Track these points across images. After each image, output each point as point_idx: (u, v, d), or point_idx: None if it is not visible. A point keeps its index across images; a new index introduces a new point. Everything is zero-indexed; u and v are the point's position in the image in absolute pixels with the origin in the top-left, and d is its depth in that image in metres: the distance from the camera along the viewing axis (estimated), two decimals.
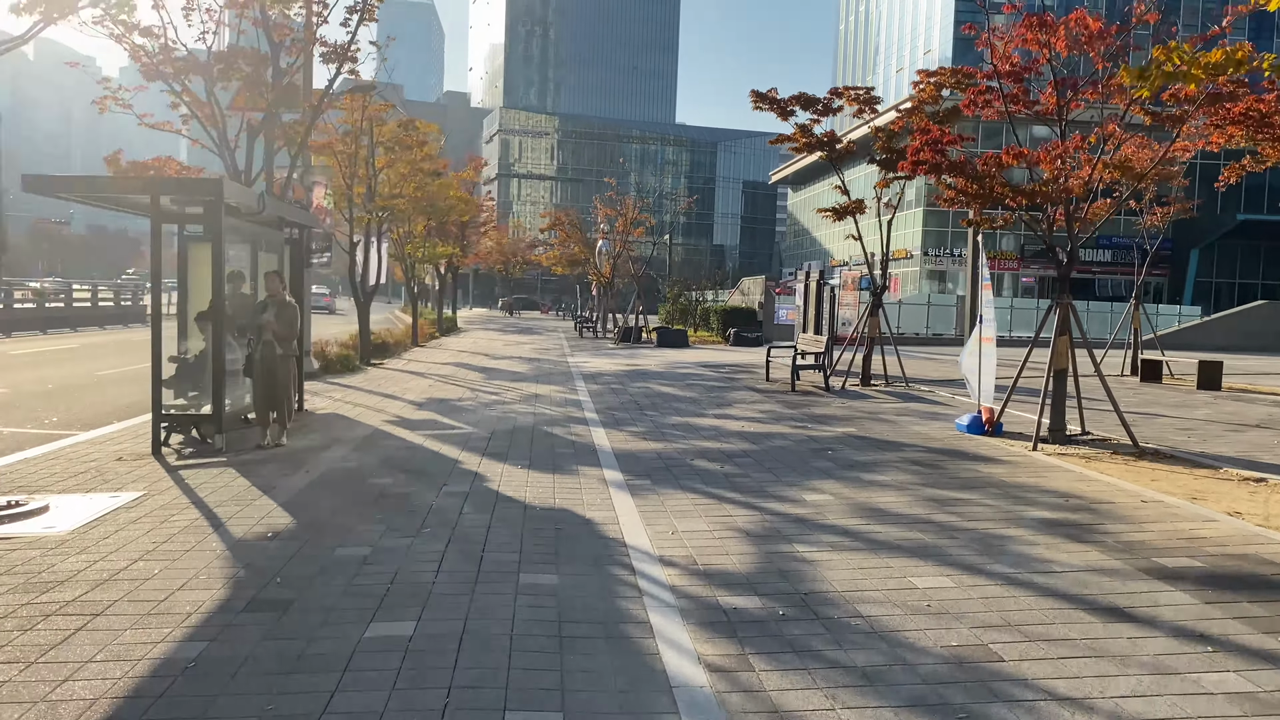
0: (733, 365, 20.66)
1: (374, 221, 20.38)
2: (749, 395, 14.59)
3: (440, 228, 33.32)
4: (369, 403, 12.96)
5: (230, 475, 7.88)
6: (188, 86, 12.59)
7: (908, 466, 8.70)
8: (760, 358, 22.95)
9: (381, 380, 16.20)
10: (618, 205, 36.25)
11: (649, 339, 29.74)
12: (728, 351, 26.04)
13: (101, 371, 17.41)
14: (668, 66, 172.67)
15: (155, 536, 5.91)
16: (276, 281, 9.54)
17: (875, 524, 6.53)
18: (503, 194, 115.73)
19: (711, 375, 18.08)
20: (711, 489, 7.61)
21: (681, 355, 24.26)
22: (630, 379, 17.22)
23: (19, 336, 26.12)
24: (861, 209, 16.97)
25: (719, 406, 13.14)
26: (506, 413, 12.08)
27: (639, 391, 15.03)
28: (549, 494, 7.31)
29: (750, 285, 32.99)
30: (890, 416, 12.29)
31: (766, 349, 17.65)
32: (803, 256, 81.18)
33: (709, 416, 12.08)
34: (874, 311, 16.28)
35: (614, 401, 13.60)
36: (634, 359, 22.73)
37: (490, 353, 24.20)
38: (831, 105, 16.68)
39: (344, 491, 7.28)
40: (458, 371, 18.30)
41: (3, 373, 16.76)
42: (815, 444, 9.93)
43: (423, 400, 13.27)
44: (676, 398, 14.19)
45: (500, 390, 14.84)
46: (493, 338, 32.84)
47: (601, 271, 36.73)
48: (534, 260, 72.89)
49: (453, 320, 39.68)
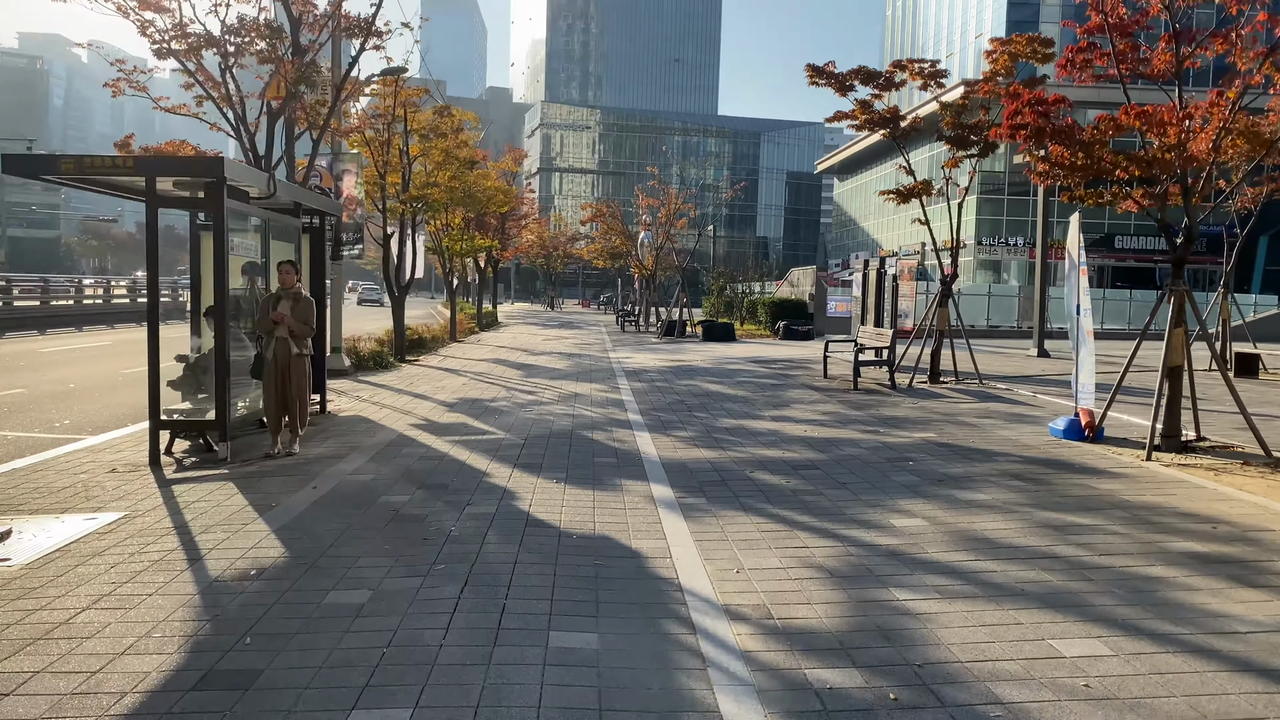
0: (785, 361, 19.43)
1: (408, 213, 19.49)
2: (807, 394, 13.38)
3: (479, 220, 32.47)
4: (397, 404, 12.01)
5: (228, 491, 6.92)
6: (202, 64, 11.71)
7: (1006, 481, 7.47)
8: (813, 352, 21.68)
9: (414, 378, 15.28)
10: (660, 196, 35.13)
11: (693, 333, 28.58)
12: (778, 346, 24.77)
13: (127, 370, 16.73)
14: (710, 58, 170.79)
15: (119, 574, 4.94)
16: (291, 272, 8.58)
17: (986, 559, 5.35)
18: (544, 188, 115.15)
19: (763, 372, 16.88)
20: (778, 510, 6.47)
21: (729, 350, 23.06)
22: (676, 376, 16.11)
23: (54, 334, 25.76)
24: (929, 190, 15.68)
25: (775, 407, 11.96)
26: (543, 415, 11.04)
27: (686, 390, 13.91)
28: (588, 516, 6.23)
29: (799, 276, 31.57)
30: (970, 419, 11.01)
31: (824, 343, 16.41)
32: (849, 247, 79.30)
33: (765, 419, 10.92)
34: (943, 302, 14.96)
35: (659, 402, 12.49)
36: (679, 354, 21.61)
37: (529, 348, 23.25)
38: (894, 79, 15.36)
39: (352, 512, 6.28)
40: (494, 369, 17.33)
41: (27, 371, 16.15)
42: (892, 453, 8.73)
43: (454, 401, 12.29)
44: (727, 397, 13.04)
45: (538, 389, 13.82)
46: (533, 332, 31.92)
47: (644, 264, 35.64)
48: (575, 254, 72.16)
49: (493, 315, 38.88)
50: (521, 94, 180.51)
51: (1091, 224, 53.15)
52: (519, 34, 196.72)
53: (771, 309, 28.12)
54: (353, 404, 11.99)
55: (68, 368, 16.90)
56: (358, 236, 17.14)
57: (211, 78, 11.79)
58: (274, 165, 12.48)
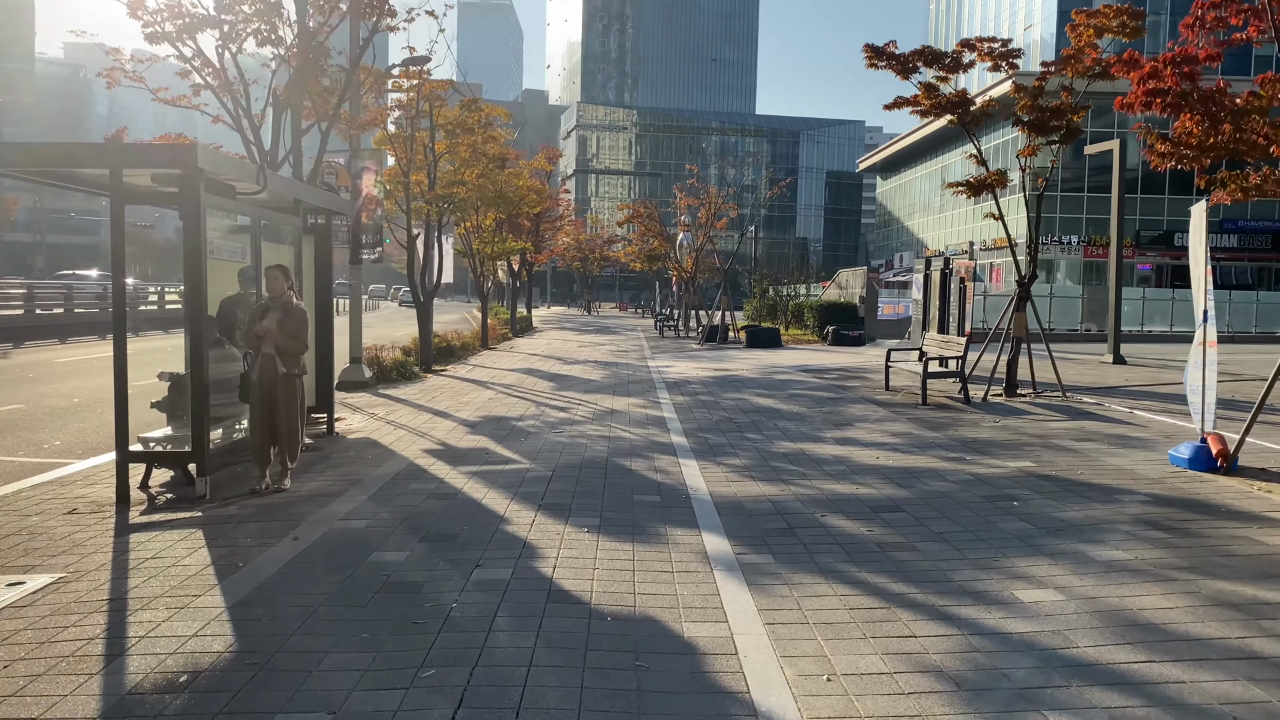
0: (839, 370, 17.97)
1: (434, 213, 18.38)
2: (871, 410, 11.97)
3: (512, 222, 31.40)
4: (415, 422, 10.82)
5: (192, 544, 5.74)
6: (200, 49, 10.63)
7: (1143, 532, 6.04)
8: (868, 360, 20.18)
9: (437, 391, 14.12)
10: (700, 194, 33.77)
11: (736, 338, 27.19)
12: (827, 352, 23.27)
13: (141, 381, 15.78)
14: (747, 57, 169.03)
15: (9, 678, 3.75)
16: (281, 279, 7.40)
17: (1162, 659, 3.96)
18: (581, 190, 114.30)
19: (817, 383, 15.47)
20: (866, 573, 5.13)
21: (776, 357, 21.63)
22: (721, 388, 14.76)
23: (75, 342, 25.07)
24: (1003, 181, 14.21)
25: (837, 426, 10.57)
26: (575, 437, 9.77)
27: (734, 405, 12.57)
28: (626, 585, 4.94)
29: (848, 278, 29.98)
30: (1068, 443, 9.53)
31: (885, 352, 14.94)
32: (892, 247, 77.28)
33: (828, 441, 9.55)
34: (1021, 306, 13.47)
35: (705, 419, 11.17)
36: (722, 362, 20.25)
37: (564, 356, 22.04)
38: (961, 60, 13.90)
39: (333, 577, 5.05)
40: (525, 380, 16.12)
41: (35, 384, 15.26)
42: (988, 488, 7.33)
43: (478, 419, 11.07)
44: (781, 413, 11.68)
45: (570, 405, 12.56)
46: (568, 338, 30.74)
47: (683, 266, 34.32)
48: (612, 257, 71.03)
49: (527, 320, 37.81)
50: (557, 96, 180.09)
51: (1149, 220, 50.80)
52: (554, 36, 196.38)
53: (819, 313, 26.57)
54: (365, 423, 10.82)
55: (79, 379, 15.99)
56: (378, 238, 16.06)
57: (210, 63, 10.70)
58: (281, 161, 11.37)
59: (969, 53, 13.93)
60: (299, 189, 8.91)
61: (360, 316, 15.73)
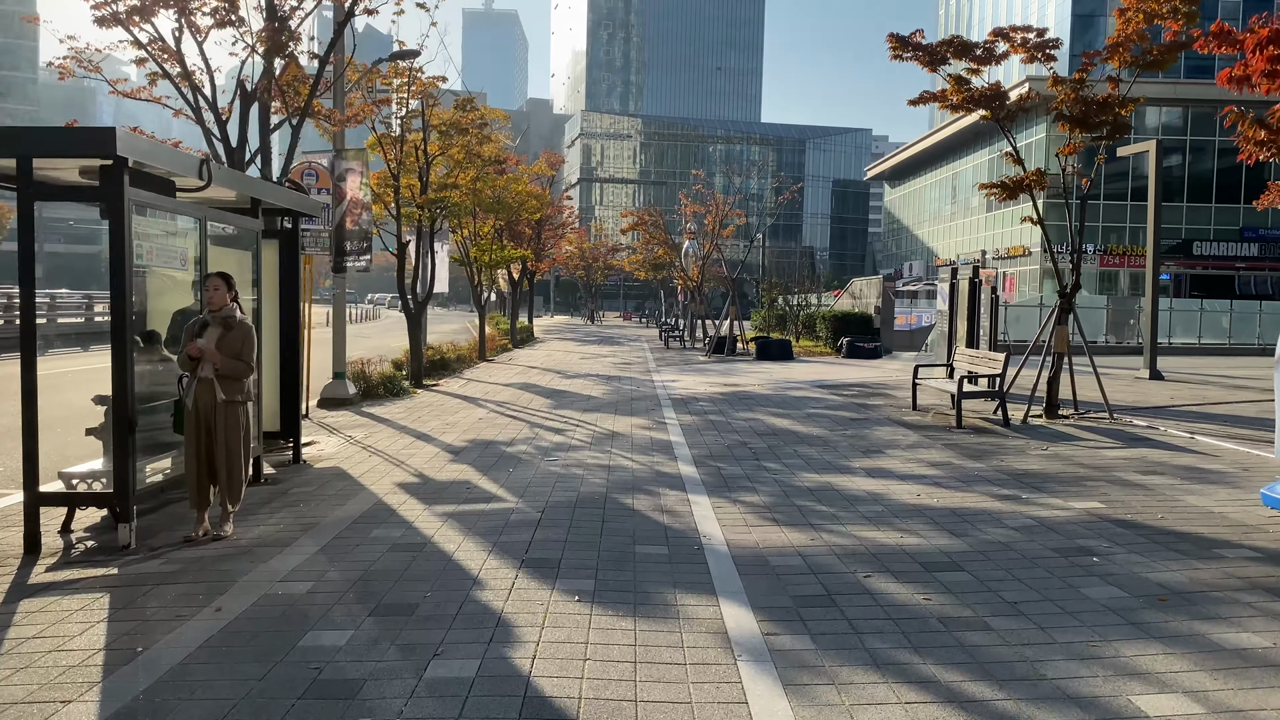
0: (858, 386, 16.81)
1: (425, 218, 17.31)
2: (901, 434, 10.83)
3: (511, 229, 30.36)
4: (393, 448, 9.72)
5: (91, 614, 4.63)
6: (158, 32, 9.57)
7: (1269, 603, 4.89)
8: (888, 374, 19.02)
9: (425, 410, 13.02)
10: (706, 201, 32.72)
11: (745, 350, 26.05)
12: (843, 366, 22.10)
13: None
14: (753, 65, 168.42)
15: None
16: (223, 289, 6.30)
17: None
18: (585, 199, 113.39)
19: (836, 401, 14.33)
20: (932, 665, 4.00)
21: (788, 371, 20.49)
22: (732, 406, 13.63)
23: (54, 354, 24.04)
24: (1043, 182, 13.12)
25: (866, 454, 9.44)
26: (570, 467, 8.65)
27: (747, 427, 11.44)
28: (626, 686, 3.81)
29: (862, 287, 28.79)
30: (1132, 475, 8.37)
31: (913, 368, 13.79)
32: (900, 256, 76.17)
33: (858, 473, 8.42)
34: (1062, 319, 12.34)
35: (716, 444, 10.04)
36: (732, 376, 19.13)
37: (564, 369, 20.93)
38: (995, 51, 12.80)
39: (250, 671, 3.92)
40: (521, 396, 15.02)
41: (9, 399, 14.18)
42: (1057, 537, 6.18)
43: (463, 445, 9.96)
44: (800, 437, 10.55)
45: (567, 426, 11.45)
46: (569, 349, 29.64)
47: (689, 275, 33.24)
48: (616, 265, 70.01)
49: (528, 330, 36.72)
50: (562, 105, 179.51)
51: (1168, 229, 49.59)
52: (559, 45, 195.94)
53: (833, 324, 25.37)
54: (340, 448, 9.72)
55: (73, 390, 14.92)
56: (365, 245, 15.00)
57: (168, 48, 9.64)
58: (249, 159, 10.29)
59: (1002, 43, 12.84)
60: (256, 186, 7.82)
61: (344, 328, 14.66)
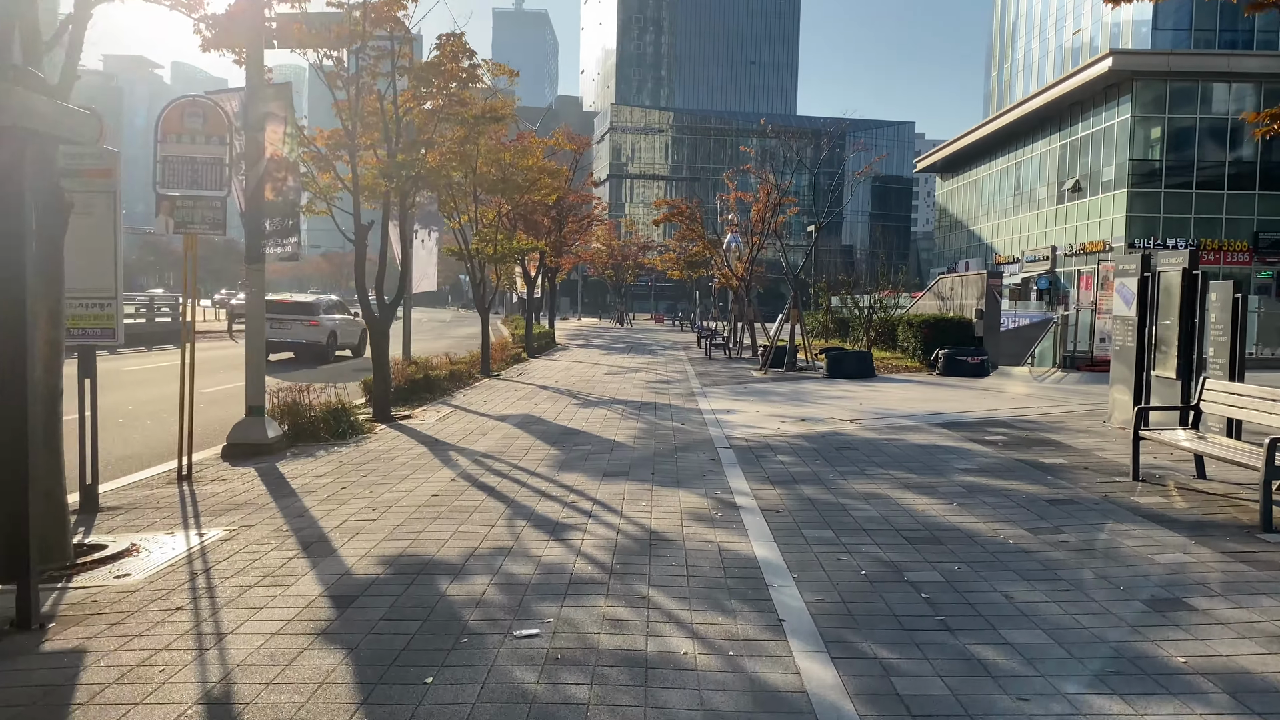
0: (999, 426, 11.95)
1: (395, 191, 12.81)
2: (1166, 542, 6.10)
3: (526, 217, 25.84)
4: (243, 571, 5.18)
5: None
6: None
7: None
8: (1023, 403, 14.12)
9: (362, 471, 8.52)
10: (754, 188, 28.06)
11: (809, 364, 21.29)
12: (949, 388, 17.04)
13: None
14: (788, 58, 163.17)
15: None
16: None
17: None
18: (615, 195, 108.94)
19: (987, 456, 9.58)
20: None
21: (879, 396, 15.65)
22: (831, 464, 8.96)
23: None
24: None
25: (1156, 609, 4.74)
26: (559, 661, 4.04)
27: (876, 519, 6.76)
28: None
29: (954, 285, 23.62)
30: None
31: (1135, 412, 9.01)
32: (954, 254, 70.81)
33: (1195, 690, 3.74)
34: None
35: (844, 576, 5.38)
36: (806, 404, 14.42)
37: (583, 390, 16.35)
38: None
39: None
40: (515, 441, 10.46)
41: None
42: None
43: (371, 574, 5.38)
44: (987, 550, 5.87)
45: (571, 518, 6.84)
46: (594, 360, 25.05)
47: (735, 273, 28.57)
48: (647, 264, 65.43)
49: (548, 335, 32.18)
50: (591, 102, 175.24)
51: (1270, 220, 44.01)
52: (589, 41, 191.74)
53: (922, 331, 20.41)
54: (170, 555, 5.20)
55: None
56: (291, 224, 10.52)
57: None
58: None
59: None
60: None
61: (261, 341, 10.19)
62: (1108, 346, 20.87)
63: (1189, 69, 43.51)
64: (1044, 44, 65.55)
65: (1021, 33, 70.08)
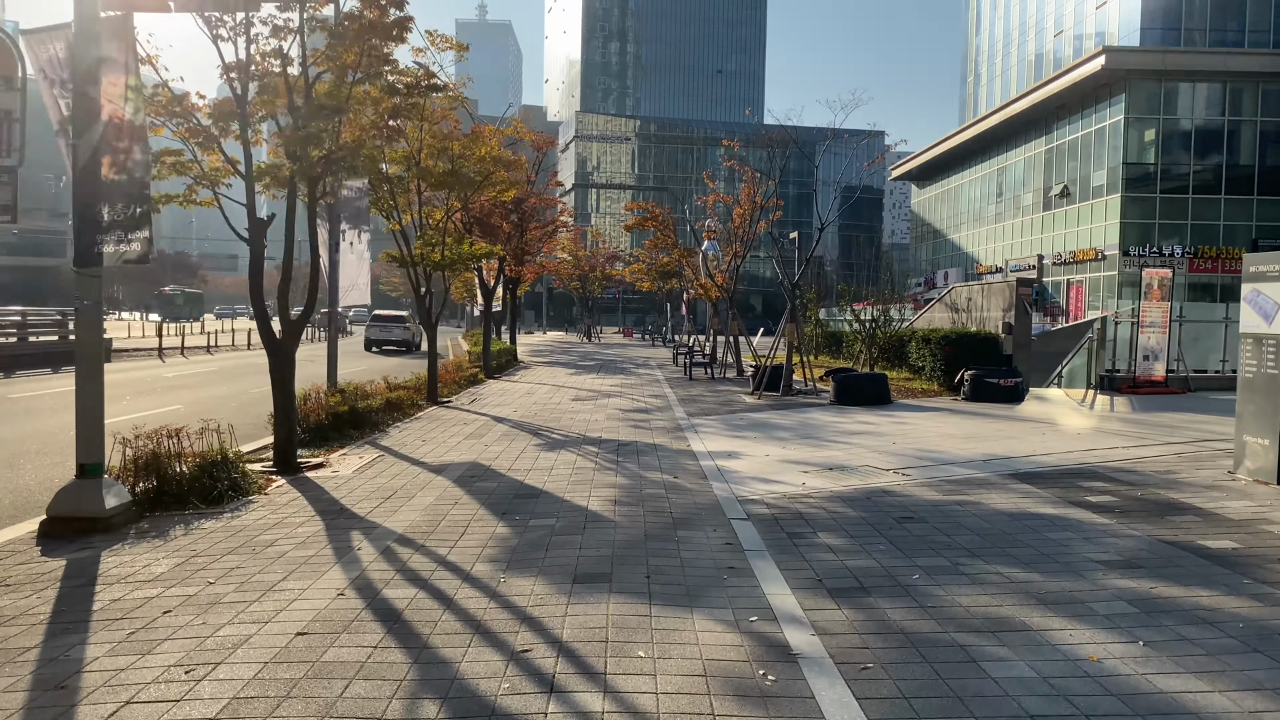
0: (1090, 474, 9.28)
1: (299, 175, 9.93)
2: None
3: (482, 221, 23.01)
4: None
5: None
6: None
7: None
8: (1085, 435, 11.37)
9: (231, 560, 5.70)
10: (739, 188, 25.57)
11: (807, 386, 18.60)
12: (987, 418, 14.17)
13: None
14: (755, 67, 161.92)
15: None
16: None
17: None
18: (580, 205, 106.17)
19: (1121, 533, 6.93)
20: None
21: (908, 429, 12.92)
22: (900, 547, 6.27)
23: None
24: None
25: None
26: None
27: (1031, 679, 4.07)
28: None
29: (971, 295, 20.87)
30: None
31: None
32: (930, 264, 68.97)
33: None
34: None
35: None
36: (822, 442, 11.70)
37: (546, 424, 13.53)
38: None
39: None
40: (453, 507, 7.65)
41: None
42: None
43: None
44: None
45: (521, 663, 4.06)
46: (559, 382, 22.21)
47: (714, 283, 25.95)
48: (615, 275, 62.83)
49: (510, 353, 29.26)
50: (555, 112, 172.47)
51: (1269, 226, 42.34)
52: (553, 50, 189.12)
53: (944, 349, 17.60)
54: None
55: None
56: (140, 212, 7.62)
57: None
58: None
59: None
60: None
61: (100, 374, 7.33)
62: (1150, 365, 18.52)
63: (1184, 67, 41.78)
64: (1023, 48, 63.93)
65: (999, 35, 68.52)
